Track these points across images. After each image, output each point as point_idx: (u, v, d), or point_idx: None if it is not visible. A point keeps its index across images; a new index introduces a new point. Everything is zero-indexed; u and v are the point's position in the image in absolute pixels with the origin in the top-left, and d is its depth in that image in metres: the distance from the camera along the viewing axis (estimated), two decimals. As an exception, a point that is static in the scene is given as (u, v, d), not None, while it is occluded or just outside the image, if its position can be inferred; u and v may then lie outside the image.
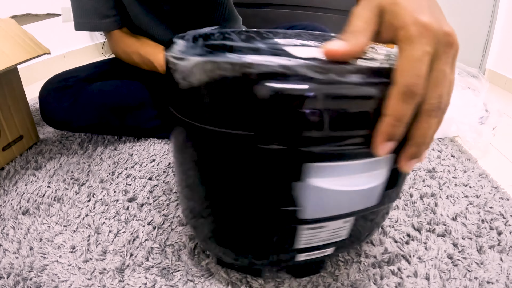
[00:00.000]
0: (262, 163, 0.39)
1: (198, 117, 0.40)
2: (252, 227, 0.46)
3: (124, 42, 0.98)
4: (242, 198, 0.43)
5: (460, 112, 1.18)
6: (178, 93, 0.41)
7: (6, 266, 0.57)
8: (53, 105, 0.96)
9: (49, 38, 1.89)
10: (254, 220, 0.45)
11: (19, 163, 0.90)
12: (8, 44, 0.84)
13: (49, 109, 0.96)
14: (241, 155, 0.40)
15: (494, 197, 0.86)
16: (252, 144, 0.38)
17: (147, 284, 0.55)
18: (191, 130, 0.42)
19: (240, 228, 0.47)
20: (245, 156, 0.39)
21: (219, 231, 0.49)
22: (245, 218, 0.45)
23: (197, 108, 0.40)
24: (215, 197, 0.45)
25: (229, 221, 0.47)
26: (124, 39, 0.98)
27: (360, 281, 0.57)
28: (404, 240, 0.68)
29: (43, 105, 0.97)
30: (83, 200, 0.75)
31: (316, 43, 0.54)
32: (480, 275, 0.61)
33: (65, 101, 0.95)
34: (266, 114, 0.36)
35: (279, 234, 0.46)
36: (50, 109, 0.96)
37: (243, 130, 0.38)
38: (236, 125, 0.38)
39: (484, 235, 0.71)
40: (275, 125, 0.36)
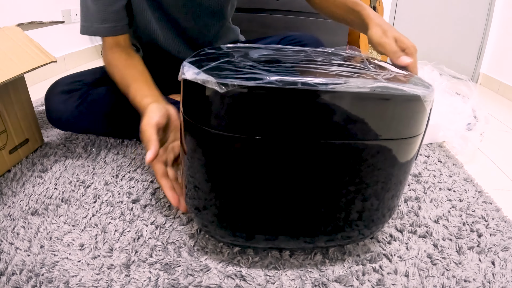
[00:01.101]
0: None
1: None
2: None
3: (113, 53, 0.91)
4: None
5: (448, 119, 1.22)
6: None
7: (18, 263, 0.61)
8: (59, 107, 0.97)
9: (50, 40, 1.91)
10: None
11: (25, 165, 0.94)
12: (16, 53, 0.88)
13: (55, 110, 0.98)
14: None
15: (477, 201, 0.90)
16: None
17: (151, 278, 0.60)
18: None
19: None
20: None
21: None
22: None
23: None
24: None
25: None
26: (114, 49, 0.92)
27: (344, 276, 0.62)
28: (387, 240, 0.73)
29: (49, 107, 0.99)
30: (89, 201, 0.80)
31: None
32: (457, 274, 0.65)
33: (71, 104, 0.97)
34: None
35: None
36: (56, 111, 0.98)
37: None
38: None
39: (464, 237, 0.76)
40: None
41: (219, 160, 0.53)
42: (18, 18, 1.60)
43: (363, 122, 0.51)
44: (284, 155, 0.51)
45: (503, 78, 2.30)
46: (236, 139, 0.50)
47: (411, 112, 0.54)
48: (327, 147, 0.51)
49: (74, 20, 2.12)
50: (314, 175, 0.53)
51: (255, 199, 0.55)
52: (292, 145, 0.51)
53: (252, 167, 0.53)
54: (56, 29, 1.94)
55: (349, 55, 0.73)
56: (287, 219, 0.57)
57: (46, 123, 1.21)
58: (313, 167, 0.53)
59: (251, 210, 0.56)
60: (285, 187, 0.54)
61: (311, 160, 0.52)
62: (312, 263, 0.65)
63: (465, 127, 1.23)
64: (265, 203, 0.55)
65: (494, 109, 1.94)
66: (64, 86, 1.00)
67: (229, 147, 0.52)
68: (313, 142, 0.51)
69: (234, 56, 0.59)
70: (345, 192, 0.56)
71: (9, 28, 0.93)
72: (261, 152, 0.51)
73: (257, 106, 0.48)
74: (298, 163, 0.52)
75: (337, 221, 0.59)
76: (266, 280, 0.61)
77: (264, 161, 0.52)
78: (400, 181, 0.60)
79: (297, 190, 0.54)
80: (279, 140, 0.50)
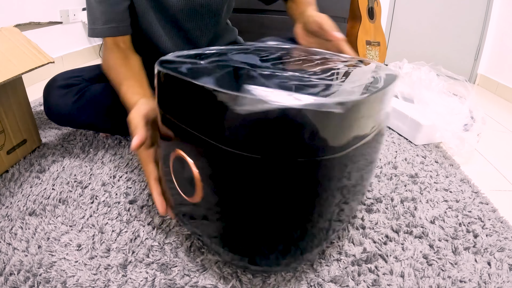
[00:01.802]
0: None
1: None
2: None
3: (112, 53, 0.91)
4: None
5: (444, 120, 1.23)
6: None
7: (16, 263, 0.62)
8: (57, 101, 0.97)
9: (48, 40, 1.92)
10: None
11: (23, 166, 0.94)
12: (15, 54, 0.88)
13: (53, 105, 0.97)
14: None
15: (473, 201, 0.91)
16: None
17: (147, 278, 0.60)
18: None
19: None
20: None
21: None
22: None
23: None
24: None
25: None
26: (114, 50, 0.91)
27: (340, 277, 0.63)
28: (383, 241, 0.73)
29: (48, 101, 0.98)
30: (87, 202, 0.80)
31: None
32: (453, 274, 0.66)
33: (69, 98, 0.97)
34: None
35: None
36: (55, 105, 0.97)
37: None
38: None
39: (460, 238, 0.76)
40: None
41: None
42: (16, 19, 1.60)
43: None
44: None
45: (501, 78, 2.31)
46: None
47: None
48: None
49: (72, 20, 2.12)
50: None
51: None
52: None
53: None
54: (54, 29, 1.94)
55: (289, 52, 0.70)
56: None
57: (44, 124, 1.21)
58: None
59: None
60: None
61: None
62: (307, 263, 0.66)
63: (462, 128, 1.24)
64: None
65: (491, 109, 1.94)
66: (63, 81, 0.99)
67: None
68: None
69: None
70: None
71: (7, 29, 0.94)
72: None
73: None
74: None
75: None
76: (262, 281, 0.61)
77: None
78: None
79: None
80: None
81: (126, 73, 0.85)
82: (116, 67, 0.88)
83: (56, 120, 1.01)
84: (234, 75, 0.52)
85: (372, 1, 2.53)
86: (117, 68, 0.87)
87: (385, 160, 1.10)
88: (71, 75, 1.02)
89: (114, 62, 0.89)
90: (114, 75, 0.88)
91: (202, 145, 0.48)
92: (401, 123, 1.33)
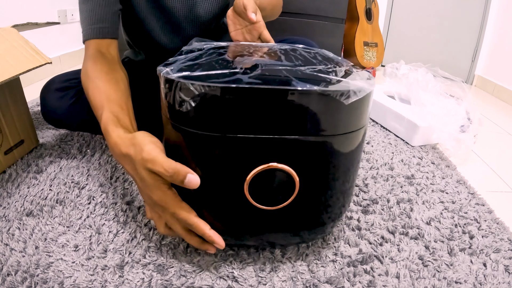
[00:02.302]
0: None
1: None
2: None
3: (95, 64, 0.80)
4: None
5: (441, 121, 1.23)
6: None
7: (13, 264, 0.62)
8: (54, 104, 0.96)
9: (46, 41, 1.92)
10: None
11: (20, 166, 0.94)
12: (12, 54, 0.88)
13: (50, 107, 0.96)
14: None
15: (469, 202, 0.91)
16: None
17: (144, 279, 0.60)
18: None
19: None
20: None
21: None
22: None
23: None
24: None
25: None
26: (97, 59, 0.81)
27: (335, 278, 0.63)
28: (378, 242, 0.74)
29: (45, 104, 0.97)
30: (84, 202, 0.80)
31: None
32: (449, 275, 0.66)
33: (66, 101, 0.96)
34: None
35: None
36: (52, 107, 0.96)
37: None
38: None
39: (456, 239, 0.77)
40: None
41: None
42: (14, 19, 1.60)
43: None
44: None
45: (498, 80, 2.32)
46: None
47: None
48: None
49: (70, 20, 2.12)
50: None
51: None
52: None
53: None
54: (51, 29, 1.94)
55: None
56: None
57: (41, 124, 1.21)
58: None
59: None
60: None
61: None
62: (303, 264, 0.66)
63: (459, 129, 1.24)
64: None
65: (488, 110, 1.95)
66: (60, 84, 0.98)
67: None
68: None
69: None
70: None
71: (5, 30, 0.94)
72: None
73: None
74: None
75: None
76: (258, 281, 0.62)
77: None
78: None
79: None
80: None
81: (109, 93, 0.72)
82: (98, 82, 0.74)
83: (52, 122, 1.00)
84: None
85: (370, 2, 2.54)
86: (99, 84, 0.74)
87: (382, 161, 1.10)
88: (68, 77, 1.01)
89: (96, 75, 0.76)
90: (95, 92, 0.73)
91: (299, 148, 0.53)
92: (398, 124, 1.34)
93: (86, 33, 0.84)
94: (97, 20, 0.84)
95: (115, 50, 0.87)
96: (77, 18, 2.19)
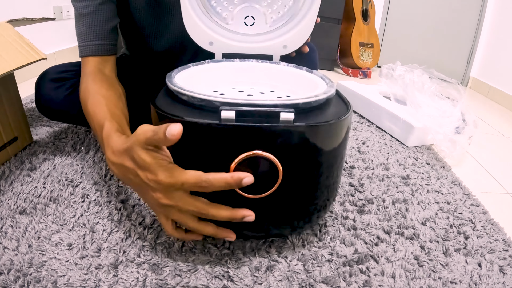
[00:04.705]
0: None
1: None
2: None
3: (94, 80, 0.80)
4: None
5: (436, 122, 1.24)
6: None
7: (6, 262, 0.61)
8: (50, 95, 0.94)
9: (41, 37, 1.90)
10: None
11: (14, 163, 0.93)
12: (6, 50, 0.87)
13: (45, 98, 0.95)
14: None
15: (464, 203, 0.92)
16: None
17: (139, 278, 0.60)
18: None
19: None
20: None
21: None
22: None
23: None
24: None
25: None
26: (96, 77, 0.81)
27: (331, 277, 0.63)
28: (374, 242, 0.74)
29: (39, 94, 0.95)
30: (78, 200, 0.79)
31: None
32: (444, 275, 0.66)
33: (61, 92, 0.95)
34: None
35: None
36: (47, 98, 0.95)
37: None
38: None
39: (451, 239, 0.77)
40: None
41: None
42: (9, 14, 1.59)
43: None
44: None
45: (493, 82, 2.34)
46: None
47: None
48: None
49: (65, 17, 2.11)
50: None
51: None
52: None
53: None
54: (47, 25, 1.92)
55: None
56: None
57: (35, 121, 1.20)
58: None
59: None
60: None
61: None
62: (299, 263, 0.66)
63: (454, 131, 1.25)
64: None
65: (483, 112, 1.96)
66: (56, 74, 0.97)
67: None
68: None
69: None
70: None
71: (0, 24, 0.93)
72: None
73: None
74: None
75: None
76: (254, 281, 0.61)
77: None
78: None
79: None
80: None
81: (111, 107, 0.73)
82: (100, 97, 0.75)
83: (47, 113, 0.98)
84: None
85: (366, 3, 2.54)
86: (100, 99, 0.74)
87: (377, 162, 1.11)
88: (64, 69, 0.99)
89: (97, 91, 0.77)
90: (96, 105, 0.73)
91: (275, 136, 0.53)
92: (393, 125, 1.34)
93: (84, 49, 0.84)
94: (96, 37, 0.84)
95: (113, 66, 0.88)
96: (72, 15, 2.17)
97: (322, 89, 0.63)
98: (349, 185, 0.95)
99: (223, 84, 0.76)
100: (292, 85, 0.76)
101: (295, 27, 0.79)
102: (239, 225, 0.60)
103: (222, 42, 0.79)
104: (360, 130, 1.38)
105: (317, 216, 0.67)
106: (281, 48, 0.81)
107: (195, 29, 0.77)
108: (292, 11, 0.77)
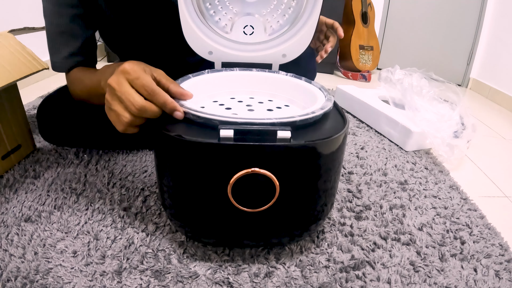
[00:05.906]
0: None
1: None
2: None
3: (84, 77, 0.88)
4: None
5: (435, 126, 1.24)
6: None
7: (13, 269, 0.63)
8: (52, 126, 1.00)
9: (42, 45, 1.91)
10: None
11: (17, 171, 0.94)
12: (9, 60, 0.89)
13: (48, 129, 1.01)
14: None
15: (462, 208, 0.93)
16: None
17: (142, 285, 0.61)
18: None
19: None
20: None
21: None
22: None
23: None
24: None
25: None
26: (85, 74, 0.89)
27: (328, 283, 0.64)
28: (371, 248, 0.75)
29: (42, 125, 1.01)
30: (82, 208, 0.81)
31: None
32: (439, 281, 0.67)
33: (64, 122, 1.00)
34: None
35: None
36: (49, 129, 1.01)
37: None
38: None
39: (448, 244, 0.78)
40: None
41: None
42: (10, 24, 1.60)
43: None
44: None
45: (493, 83, 2.34)
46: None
47: None
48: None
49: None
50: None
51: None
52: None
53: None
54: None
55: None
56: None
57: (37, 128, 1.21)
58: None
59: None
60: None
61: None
62: (297, 269, 0.67)
63: (452, 135, 1.25)
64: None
65: (483, 113, 1.97)
66: (57, 105, 1.01)
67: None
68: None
69: None
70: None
71: (1, 34, 0.94)
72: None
73: None
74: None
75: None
76: (253, 287, 0.63)
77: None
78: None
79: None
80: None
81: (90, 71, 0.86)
82: (83, 71, 0.89)
83: (50, 141, 1.07)
84: None
85: (365, 5, 2.55)
86: (84, 70, 0.88)
87: (376, 167, 1.12)
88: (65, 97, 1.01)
89: (79, 75, 0.89)
90: (81, 74, 0.88)
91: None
92: (392, 130, 1.35)
93: (61, 65, 0.90)
94: (72, 53, 0.89)
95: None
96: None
97: (319, 104, 0.64)
98: (347, 191, 0.96)
99: (222, 94, 0.78)
100: (290, 94, 0.77)
101: (294, 36, 0.80)
102: (239, 235, 0.64)
103: (221, 51, 0.80)
104: (359, 135, 1.39)
105: (315, 225, 0.68)
106: (280, 57, 0.82)
107: (195, 39, 0.78)
108: (292, 20, 0.78)
